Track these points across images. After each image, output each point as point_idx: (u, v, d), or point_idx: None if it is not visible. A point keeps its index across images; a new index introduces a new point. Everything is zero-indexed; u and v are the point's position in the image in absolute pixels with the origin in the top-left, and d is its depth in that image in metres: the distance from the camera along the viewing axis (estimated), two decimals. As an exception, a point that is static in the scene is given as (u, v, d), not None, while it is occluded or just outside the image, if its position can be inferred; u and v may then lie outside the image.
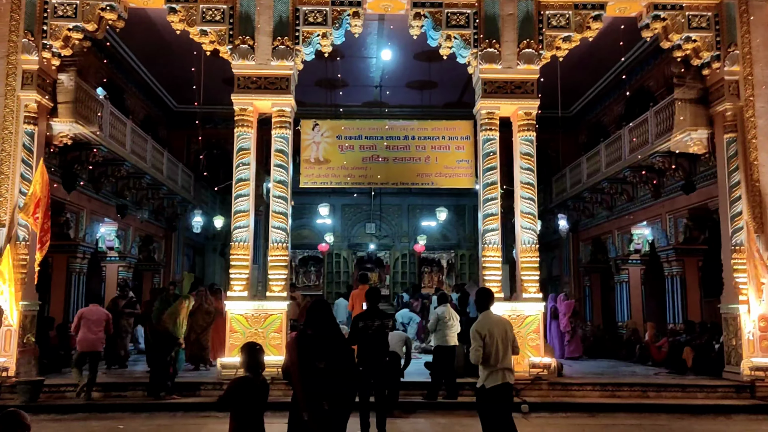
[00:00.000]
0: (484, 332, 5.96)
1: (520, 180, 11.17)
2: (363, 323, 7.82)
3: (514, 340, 6.18)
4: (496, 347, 5.94)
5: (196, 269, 22.01)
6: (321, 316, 4.49)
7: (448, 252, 24.92)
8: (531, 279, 10.96)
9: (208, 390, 10.20)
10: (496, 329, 5.99)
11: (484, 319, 6.09)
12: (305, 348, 4.37)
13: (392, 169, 12.29)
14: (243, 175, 10.93)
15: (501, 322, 6.19)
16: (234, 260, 10.80)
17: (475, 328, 6.04)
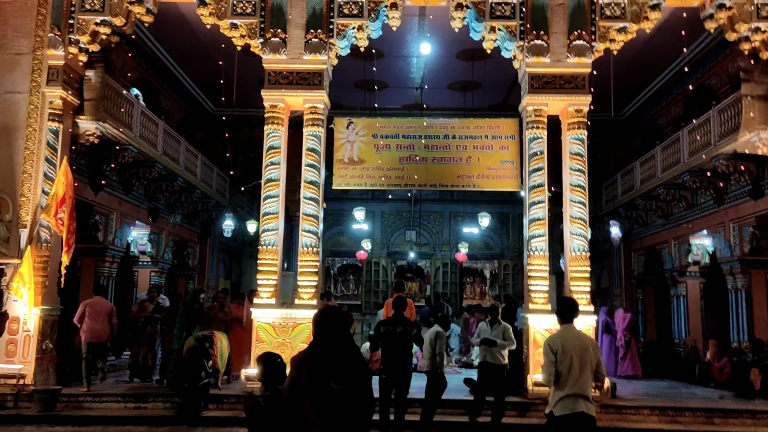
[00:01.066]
0: (556, 347, 5.13)
1: (570, 182, 10.29)
2: (385, 328, 8.12)
3: (599, 363, 5.21)
4: (569, 367, 5.05)
5: (232, 276, 21.65)
6: (333, 328, 3.76)
7: (491, 261, 23.95)
8: (581, 290, 10.04)
9: (231, 403, 9.58)
10: (574, 346, 5.11)
11: (561, 333, 5.29)
12: (317, 365, 3.66)
13: (431, 170, 11.52)
14: (273, 175, 10.35)
15: (582, 339, 5.28)
16: (262, 265, 10.21)
17: (548, 341, 5.27)
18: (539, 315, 9.92)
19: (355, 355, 3.76)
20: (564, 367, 5.04)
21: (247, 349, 10.38)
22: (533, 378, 9.58)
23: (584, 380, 5.03)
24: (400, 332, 8.02)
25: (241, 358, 10.83)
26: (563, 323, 5.30)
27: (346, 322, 3.83)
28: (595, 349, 5.23)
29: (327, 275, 23.76)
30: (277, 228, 10.31)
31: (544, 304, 10.01)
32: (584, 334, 5.41)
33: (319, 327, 3.78)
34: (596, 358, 5.17)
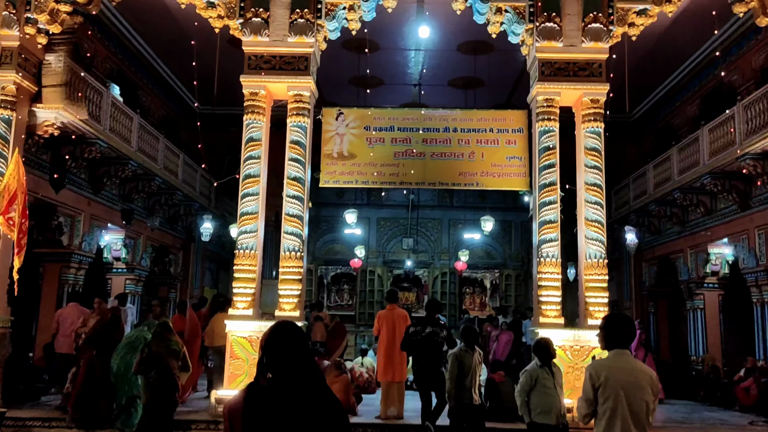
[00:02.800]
0: (600, 379, 3.89)
1: (585, 181, 9.17)
2: (414, 329, 8.25)
3: (652, 407, 3.90)
4: (613, 409, 3.82)
5: (219, 285, 20.44)
6: (284, 353, 2.59)
7: (492, 272, 22.84)
8: (599, 302, 8.90)
9: (201, 429, 8.41)
10: (623, 381, 3.85)
11: (610, 361, 3.98)
12: (255, 420, 2.48)
13: (429, 167, 10.37)
14: (252, 170, 9.22)
15: (637, 373, 3.89)
16: (238, 272, 9.06)
17: (590, 369, 4.02)
18: (551, 329, 8.76)
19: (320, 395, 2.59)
20: (606, 408, 3.88)
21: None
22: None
23: (632, 424, 3.83)
24: (429, 333, 8.13)
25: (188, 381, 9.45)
26: (613, 348, 4.08)
27: (302, 344, 2.65)
28: (655, 391, 3.93)
29: (320, 285, 22.65)
30: (256, 230, 9.17)
31: (557, 317, 8.87)
32: (642, 368, 4.01)
33: (265, 354, 2.61)
34: (649, 400, 3.88)
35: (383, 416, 8.86)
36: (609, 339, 4.06)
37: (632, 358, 4.07)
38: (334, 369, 9.47)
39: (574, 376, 8.61)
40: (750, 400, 11.32)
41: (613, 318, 4.24)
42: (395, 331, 9.04)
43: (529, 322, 15.77)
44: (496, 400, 8.99)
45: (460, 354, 7.02)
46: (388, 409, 8.89)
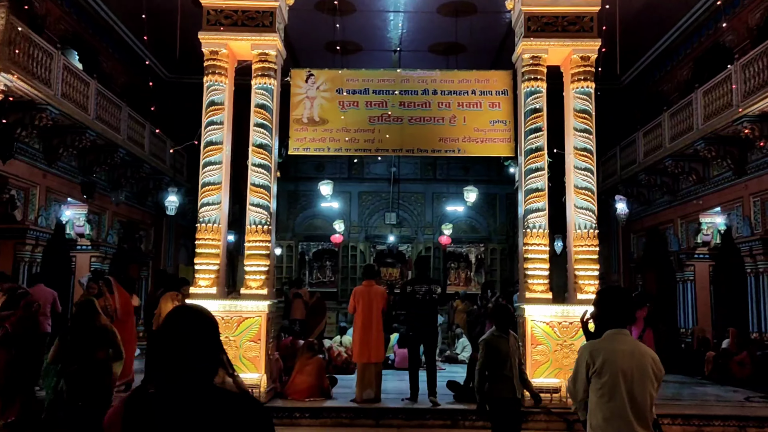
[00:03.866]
0: (596, 363, 3.29)
1: (574, 146, 8.53)
2: (411, 288, 8.47)
3: (655, 395, 3.32)
4: (610, 393, 3.24)
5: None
6: (181, 350, 1.93)
7: (477, 246, 22.20)
8: (589, 275, 8.32)
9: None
10: (624, 363, 3.27)
11: (608, 341, 3.37)
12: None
13: (407, 133, 9.64)
14: (214, 137, 8.48)
15: (639, 355, 3.32)
16: (200, 246, 8.36)
17: (586, 347, 3.41)
18: (538, 305, 8.19)
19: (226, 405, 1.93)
20: (601, 398, 3.27)
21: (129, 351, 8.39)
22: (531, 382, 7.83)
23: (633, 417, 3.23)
24: (426, 291, 8.36)
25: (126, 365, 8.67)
26: (611, 328, 3.44)
27: (206, 339, 1.99)
28: (658, 377, 3.31)
29: (302, 261, 21.98)
30: (219, 201, 8.46)
31: (544, 291, 8.28)
32: (644, 350, 3.38)
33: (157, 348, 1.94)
34: (655, 388, 3.30)
35: (359, 399, 8.26)
36: (605, 317, 3.43)
37: (632, 339, 3.45)
38: (306, 350, 8.84)
39: (563, 354, 8.07)
40: (744, 373, 10.87)
41: (610, 292, 3.60)
42: (372, 309, 8.42)
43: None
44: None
45: (492, 340, 5.75)
46: (364, 392, 8.29)
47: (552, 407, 7.77)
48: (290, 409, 7.91)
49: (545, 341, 8.08)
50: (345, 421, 7.88)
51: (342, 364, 11.25)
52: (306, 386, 8.38)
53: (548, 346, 8.07)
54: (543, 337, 8.08)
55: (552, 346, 8.07)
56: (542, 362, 8.05)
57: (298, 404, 8.10)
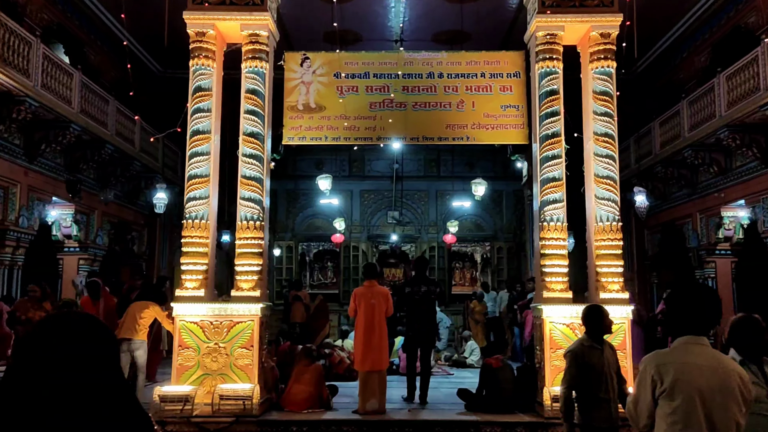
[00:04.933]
0: (665, 381, 2.60)
1: (594, 131, 7.81)
2: (410, 289, 8.39)
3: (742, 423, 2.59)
4: (685, 420, 2.53)
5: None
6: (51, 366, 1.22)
7: (482, 245, 21.48)
8: (612, 272, 7.60)
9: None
10: (703, 382, 2.56)
11: (680, 353, 2.67)
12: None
13: (412, 119, 8.91)
14: (201, 125, 7.78)
15: (720, 372, 2.59)
16: (187, 245, 7.66)
17: (651, 360, 2.72)
18: (557, 305, 7.47)
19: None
20: (675, 420, 2.56)
21: None
22: (550, 390, 7.13)
23: None
24: (425, 292, 8.27)
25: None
26: (684, 334, 2.73)
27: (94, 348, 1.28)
28: (747, 399, 2.59)
29: (302, 263, 21.30)
30: (207, 196, 7.76)
31: (564, 290, 7.56)
32: (729, 364, 2.65)
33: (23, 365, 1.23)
34: (743, 414, 2.58)
35: (362, 411, 7.54)
36: (680, 320, 2.72)
37: (713, 351, 2.72)
38: (304, 357, 8.12)
39: (585, 360, 7.30)
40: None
41: (687, 289, 2.88)
42: (374, 311, 7.71)
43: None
44: (493, 388, 7.70)
45: (581, 351, 4.53)
46: (368, 403, 7.57)
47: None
48: (286, 423, 7.20)
49: (565, 345, 7.34)
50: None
51: (344, 372, 10.53)
52: (304, 397, 7.66)
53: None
54: (563, 341, 7.36)
55: (573, 351, 7.34)
56: (563, 368, 7.30)
57: (295, 417, 7.39)
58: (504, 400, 7.60)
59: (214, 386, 7.19)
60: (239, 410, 7.06)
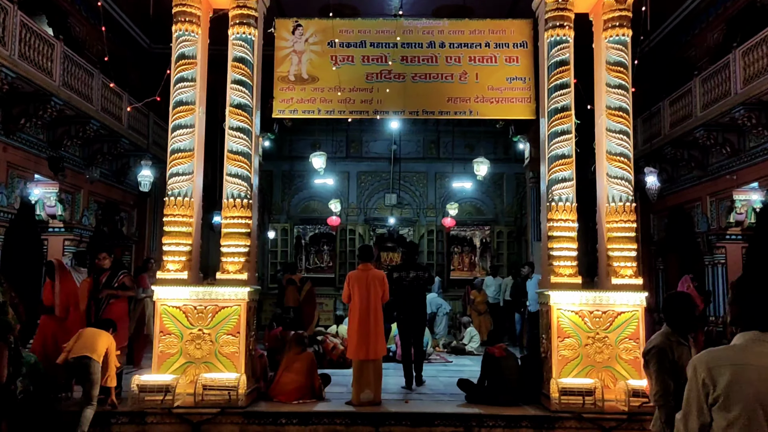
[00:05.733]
0: (719, 384, 2.17)
1: (607, 105, 7.28)
2: (398, 274, 8.37)
3: None
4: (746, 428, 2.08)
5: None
6: None
7: (482, 229, 20.96)
8: (625, 255, 7.11)
9: (123, 424, 6.58)
10: (762, 387, 2.12)
11: (738, 351, 2.25)
12: None
13: (411, 91, 8.35)
14: (184, 96, 7.24)
15: None
16: (169, 224, 7.16)
17: (702, 360, 2.26)
18: (565, 291, 6.98)
19: None
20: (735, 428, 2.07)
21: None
22: (558, 382, 6.66)
23: None
24: (413, 277, 8.28)
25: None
26: (748, 329, 2.24)
27: None
28: None
29: (298, 246, 20.80)
30: (191, 172, 7.24)
31: (573, 275, 7.07)
32: None
33: None
34: None
35: (356, 402, 7.08)
36: (744, 311, 2.22)
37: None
38: (295, 344, 7.64)
39: (594, 349, 6.89)
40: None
41: (759, 277, 2.38)
42: (369, 296, 7.22)
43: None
44: (496, 378, 7.23)
45: (666, 346, 3.59)
46: (362, 393, 7.10)
47: (583, 412, 6.58)
48: (275, 414, 6.73)
49: (574, 333, 6.90)
50: (339, 428, 6.70)
51: (338, 359, 10.09)
52: (294, 386, 7.19)
53: (578, 339, 6.88)
54: (571, 329, 6.89)
55: (582, 340, 6.88)
56: (571, 358, 6.85)
57: (284, 408, 6.92)
58: (507, 391, 7.14)
59: (197, 375, 6.72)
60: (224, 401, 6.59)
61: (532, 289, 12.12)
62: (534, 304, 12.08)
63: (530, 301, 12.15)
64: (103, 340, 6.25)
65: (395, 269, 8.59)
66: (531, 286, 11.99)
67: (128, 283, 7.00)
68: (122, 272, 7.06)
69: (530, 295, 12.15)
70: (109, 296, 6.97)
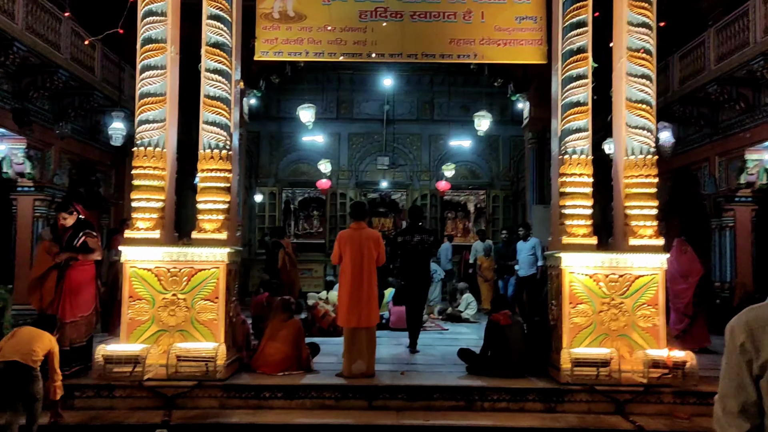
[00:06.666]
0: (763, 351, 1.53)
1: (628, 45, 6.54)
2: (402, 238, 8.24)
3: None
4: None
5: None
6: None
7: (477, 193, 20.33)
8: (645, 214, 6.44)
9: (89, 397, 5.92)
10: None
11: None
12: None
13: (409, 32, 7.51)
14: (153, 32, 6.43)
15: None
16: (138, 177, 6.41)
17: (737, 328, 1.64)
18: (578, 253, 6.32)
19: None
20: None
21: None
22: (570, 352, 6.04)
23: None
24: (418, 241, 8.10)
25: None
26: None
27: None
28: None
29: (287, 211, 20.09)
30: (163, 119, 6.45)
31: (587, 235, 6.40)
32: None
33: None
34: None
35: (347, 374, 6.44)
36: None
37: None
38: (281, 311, 6.97)
39: (610, 315, 6.27)
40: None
41: None
42: (362, 258, 6.55)
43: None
44: (500, 348, 6.61)
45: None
46: (354, 365, 6.47)
47: (596, 384, 5.98)
48: (257, 388, 6.08)
49: (588, 299, 6.26)
50: (329, 402, 6.07)
51: (328, 327, 9.46)
52: (280, 357, 6.55)
53: (592, 305, 6.25)
54: (585, 294, 6.26)
55: (596, 306, 6.25)
56: (584, 326, 6.23)
57: (268, 380, 6.28)
58: (512, 362, 6.53)
59: (171, 345, 6.05)
60: (201, 373, 5.94)
61: (524, 252, 11.47)
62: (525, 267, 11.46)
63: (521, 264, 11.51)
64: (43, 343, 4.88)
65: (400, 233, 8.47)
66: (524, 249, 11.35)
67: (92, 244, 6.19)
68: (83, 232, 6.21)
69: (521, 258, 11.50)
70: (69, 259, 6.13)
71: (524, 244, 11.53)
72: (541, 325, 6.95)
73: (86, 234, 6.19)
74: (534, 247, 11.36)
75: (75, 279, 6.16)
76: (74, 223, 6.21)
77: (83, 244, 6.16)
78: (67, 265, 6.08)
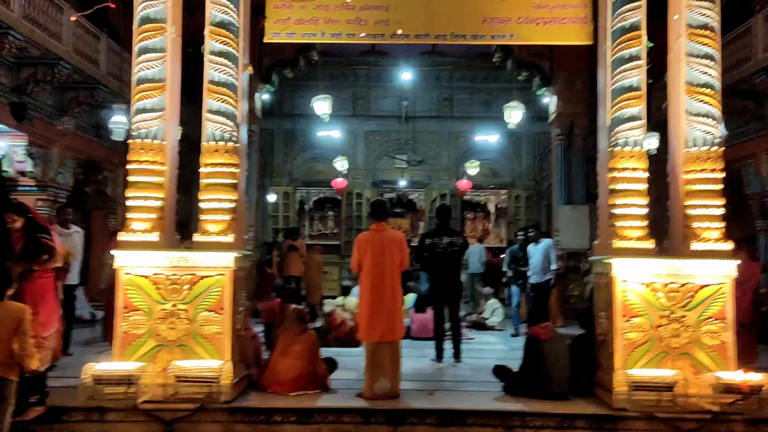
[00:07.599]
0: None
1: (688, 22, 5.75)
2: (431, 241, 7.81)
3: None
4: None
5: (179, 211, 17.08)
6: None
7: (497, 193, 19.56)
8: (710, 214, 5.66)
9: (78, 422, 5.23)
10: None
11: None
12: None
13: (436, 10, 6.75)
14: (151, 11, 5.73)
15: None
16: (134, 173, 5.72)
17: None
18: (633, 258, 5.53)
19: None
20: None
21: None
22: (627, 374, 5.25)
23: None
24: (447, 243, 7.73)
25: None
26: None
27: None
28: None
29: (301, 211, 19.47)
30: (162, 108, 5.76)
31: (642, 239, 5.60)
32: None
33: None
34: None
35: (369, 394, 5.70)
36: None
37: None
38: (296, 322, 6.25)
39: (671, 331, 5.47)
40: None
41: None
42: (385, 263, 5.81)
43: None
44: (541, 366, 5.82)
45: None
46: (376, 384, 5.73)
47: (657, 410, 5.19)
48: (267, 411, 5.35)
49: (644, 312, 5.47)
50: (348, 427, 5.32)
51: (345, 335, 8.74)
52: (293, 375, 5.82)
53: (648, 318, 5.46)
54: (641, 306, 5.47)
55: (654, 319, 5.46)
56: (639, 343, 5.43)
57: (279, 402, 5.56)
58: (551, 381, 5.75)
59: (170, 362, 5.34)
60: (204, 394, 5.23)
61: (536, 256, 10.36)
62: (538, 274, 10.19)
63: (532, 270, 10.28)
64: (6, 327, 4.14)
65: (427, 235, 8.10)
66: (536, 253, 10.19)
67: (47, 248, 5.24)
68: (38, 237, 5.28)
69: (533, 263, 10.25)
70: (24, 272, 5.27)
71: (536, 248, 10.23)
72: (586, 339, 6.17)
73: (41, 237, 5.30)
74: (547, 250, 10.24)
75: (31, 294, 5.12)
76: (24, 226, 5.33)
77: (38, 250, 5.27)
78: (23, 278, 5.20)
